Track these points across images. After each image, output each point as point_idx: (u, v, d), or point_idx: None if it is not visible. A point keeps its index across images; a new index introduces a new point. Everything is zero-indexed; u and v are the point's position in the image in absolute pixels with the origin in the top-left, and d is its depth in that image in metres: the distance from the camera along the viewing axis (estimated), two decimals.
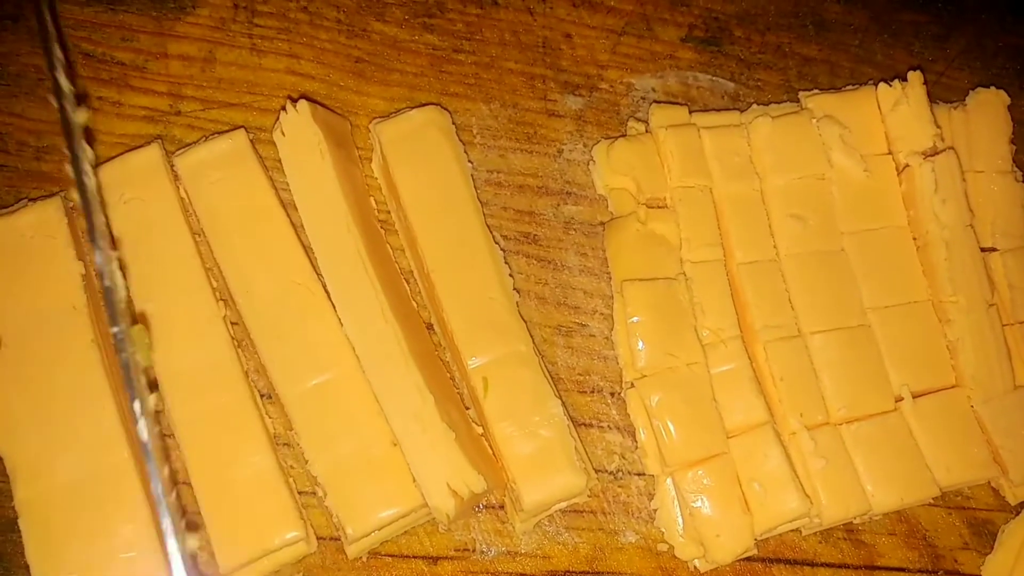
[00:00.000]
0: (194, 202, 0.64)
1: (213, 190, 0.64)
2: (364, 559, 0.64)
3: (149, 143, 0.66)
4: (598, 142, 0.75)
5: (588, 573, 0.67)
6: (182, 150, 0.65)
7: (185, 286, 0.63)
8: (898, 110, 0.74)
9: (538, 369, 0.64)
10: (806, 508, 0.65)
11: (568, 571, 0.66)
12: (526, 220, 0.73)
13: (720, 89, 0.80)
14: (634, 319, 0.67)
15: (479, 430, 0.65)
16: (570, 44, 0.78)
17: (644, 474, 0.69)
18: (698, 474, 0.65)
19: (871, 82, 0.78)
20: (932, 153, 0.73)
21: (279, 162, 0.64)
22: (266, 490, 0.60)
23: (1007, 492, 0.73)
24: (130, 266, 0.62)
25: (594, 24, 0.79)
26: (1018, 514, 0.74)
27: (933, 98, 0.77)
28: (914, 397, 0.70)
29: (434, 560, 0.65)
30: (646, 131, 0.74)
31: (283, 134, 0.64)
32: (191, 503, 0.60)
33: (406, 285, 0.69)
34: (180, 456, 0.60)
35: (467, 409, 0.67)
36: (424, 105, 0.70)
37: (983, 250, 0.74)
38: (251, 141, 0.66)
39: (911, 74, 0.75)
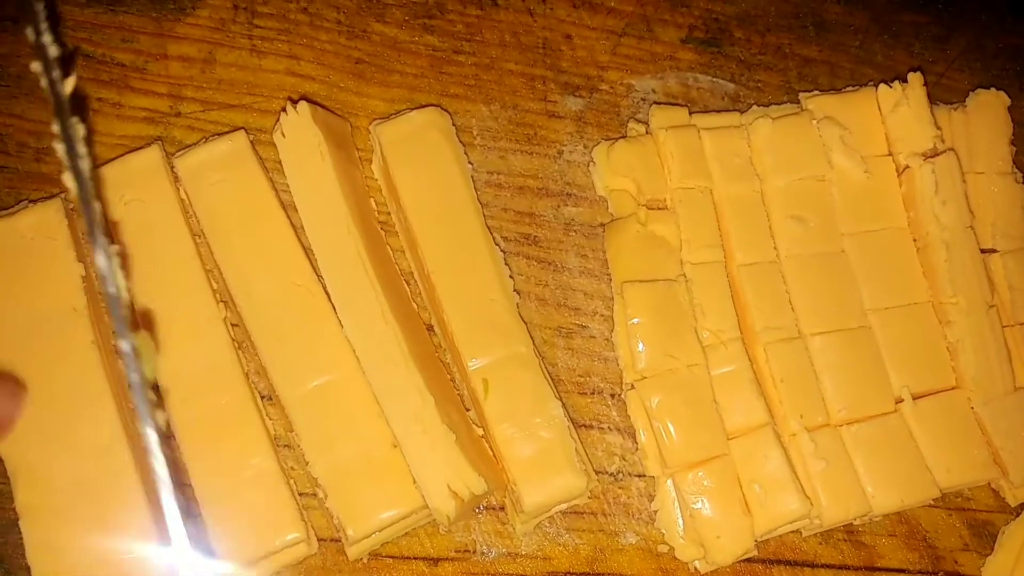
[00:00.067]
0: (194, 203, 0.64)
1: (213, 191, 0.64)
2: (365, 560, 0.64)
3: (149, 144, 0.65)
4: (598, 143, 0.75)
5: (588, 574, 0.67)
6: (182, 151, 0.65)
7: (185, 288, 0.63)
8: (898, 111, 0.74)
9: (538, 371, 0.64)
10: (806, 509, 0.65)
11: (568, 572, 0.66)
12: (526, 221, 0.73)
13: (720, 90, 0.80)
14: (634, 320, 0.67)
15: (479, 432, 0.65)
16: (570, 45, 0.78)
17: (644, 475, 0.69)
18: (698, 475, 0.65)
19: (871, 83, 0.78)
20: (932, 154, 0.73)
21: (279, 163, 0.64)
22: (267, 491, 0.59)
23: (1007, 493, 0.73)
24: (129, 268, 0.63)
25: (594, 25, 0.79)
26: (1018, 515, 0.74)
27: (933, 99, 0.77)
28: (914, 398, 0.70)
29: (435, 561, 0.65)
30: (646, 132, 0.74)
31: (283, 135, 0.64)
32: (193, 504, 0.60)
33: (406, 286, 0.69)
34: (181, 457, 0.60)
35: (467, 411, 0.67)
36: (424, 106, 0.70)
37: (983, 251, 0.74)
38: (251, 142, 0.66)
39: (911, 75, 0.75)
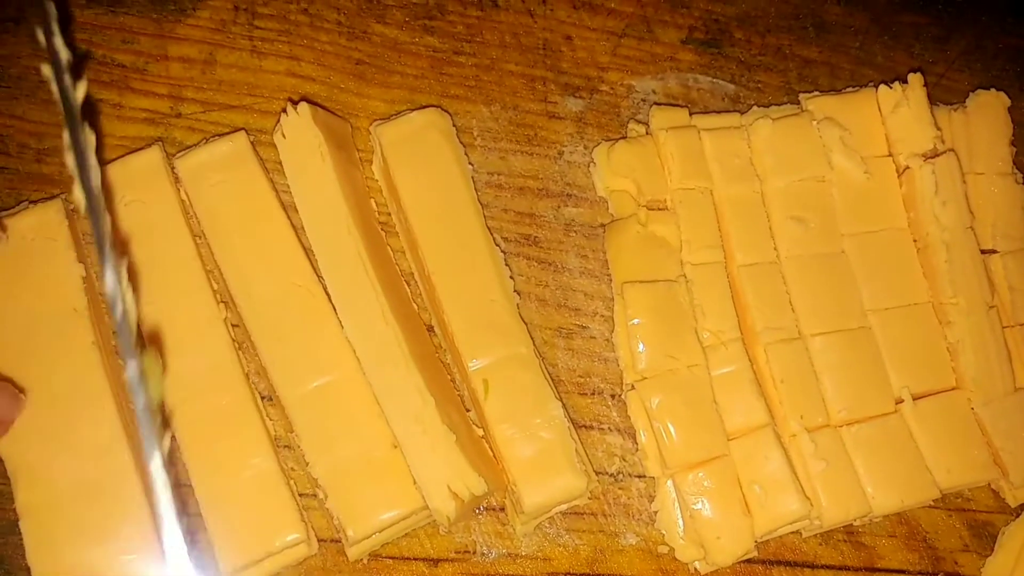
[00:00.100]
0: (195, 204, 0.64)
1: (214, 192, 0.64)
2: (365, 561, 0.64)
3: (150, 145, 0.66)
4: (599, 144, 0.75)
5: (589, 575, 0.67)
6: (183, 152, 0.65)
7: (186, 288, 0.63)
8: (898, 112, 0.74)
9: (539, 371, 0.64)
10: (806, 510, 0.65)
11: (569, 573, 0.66)
12: (527, 222, 0.73)
13: (720, 91, 0.80)
14: (634, 321, 0.67)
15: (480, 432, 0.65)
16: (570, 46, 0.78)
17: (645, 476, 0.69)
18: (699, 476, 0.65)
19: (871, 84, 0.78)
20: (932, 155, 0.73)
21: (280, 164, 0.64)
22: (267, 492, 0.59)
23: (1007, 494, 0.73)
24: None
25: (594, 26, 0.79)
26: (1018, 516, 0.74)
27: (933, 100, 0.77)
28: (914, 399, 0.70)
29: (435, 562, 0.65)
30: (647, 133, 0.74)
31: (284, 136, 0.64)
32: (193, 505, 0.60)
33: (407, 287, 0.69)
34: (181, 458, 0.60)
35: (468, 411, 0.67)
36: (425, 107, 0.70)
37: (983, 252, 0.74)
38: (252, 143, 0.66)
39: (911, 76, 0.75)
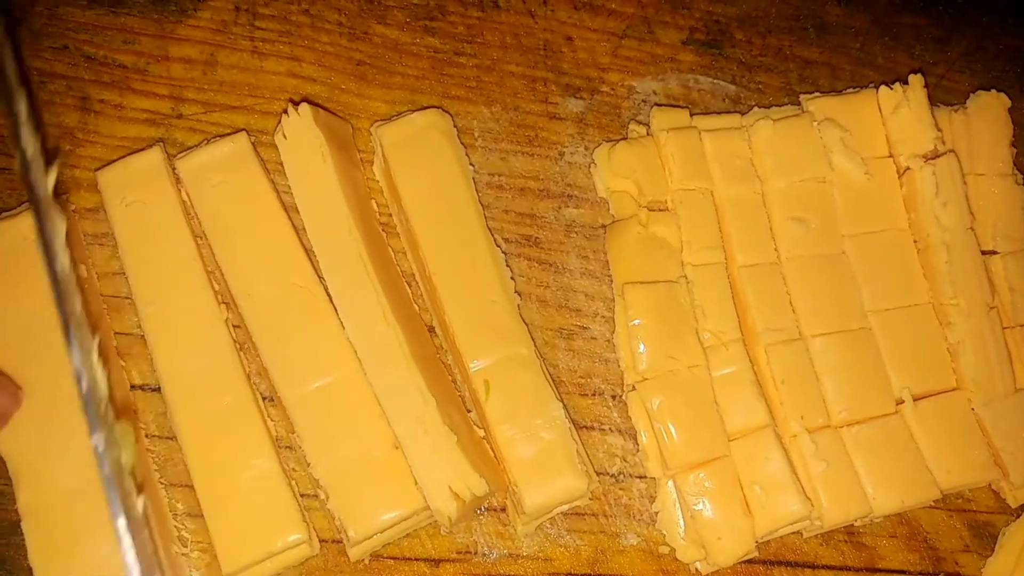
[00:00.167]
0: (196, 205, 0.64)
1: (215, 193, 0.64)
2: (366, 561, 0.64)
3: (151, 146, 0.66)
4: (599, 145, 0.75)
5: (590, 575, 0.67)
6: (183, 153, 0.65)
7: (187, 289, 0.63)
8: (899, 113, 0.74)
9: (539, 372, 0.65)
10: (807, 510, 0.65)
11: (570, 573, 0.66)
12: (527, 223, 0.73)
13: (721, 92, 0.80)
14: (635, 322, 0.67)
15: (481, 433, 0.65)
16: (571, 47, 0.78)
17: (645, 477, 0.69)
18: (699, 476, 0.65)
19: (872, 85, 0.78)
20: (933, 156, 0.73)
21: (280, 165, 0.64)
22: (268, 493, 0.59)
23: (1008, 495, 0.73)
24: (131, 269, 0.63)
25: (595, 27, 0.79)
26: (1019, 517, 0.74)
27: (934, 101, 0.77)
28: (915, 400, 0.70)
29: (436, 563, 0.65)
30: (647, 134, 0.74)
31: (285, 137, 0.64)
32: (193, 505, 0.60)
33: (407, 288, 0.69)
34: (183, 459, 0.60)
35: (469, 412, 0.67)
36: (425, 108, 0.70)
37: (983, 253, 0.74)
38: (252, 144, 0.66)
39: (912, 77, 0.75)
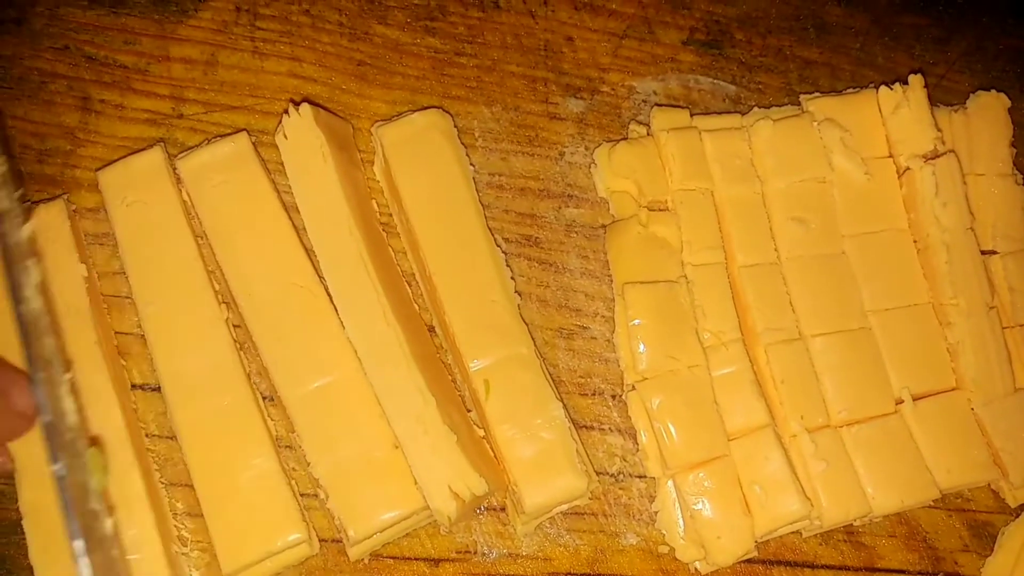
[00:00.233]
0: (196, 205, 0.64)
1: (215, 193, 0.64)
2: (366, 561, 0.64)
3: (151, 146, 0.66)
4: (600, 145, 0.75)
5: (589, 575, 0.67)
6: (184, 153, 0.66)
7: (187, 289, 0.63)
8: (899, 113, 0.74)
9: (539, 372, 0.65)
10: (807, 510, 0.65)
11: (569, 573, 0.66)
12: (528, 223, 0.73)
13: (721, 92, 0.80)
14: (635, 322, 0.67)
15: (481, 432, 0.65)
16: (572, 47, 0.78)
17: (645, 476, 0.69)
18: (699, 476, 0.65)
19: (872, 85, 0.78)
20: (933, 156, 0.73)
21: (281, 165, 0.64)
22: (268, 492, 0.60)
23: (1007, 494, 0.73)
24: (132, 269, 0.63)
25: (596, 27, 0.79)
26: (1018, 516, 0.74)
27: (934, 101, 0.77)
28: (914, 399, 0.70)
29: (436, 562, 0.65)
30: (648, 134, 0.74)
31: (285, 137, 0.64)
32: (193, 505, 0.60)
33: (408, 287, 0.69)
34: (183, 459, 0.60)
35: (469, 411, 0.67)
36: (426, 108, 0.70)
37: (983, 253, 0.74)
38: (253, 144, 0.66)
39: (912, 77, 0.75)
